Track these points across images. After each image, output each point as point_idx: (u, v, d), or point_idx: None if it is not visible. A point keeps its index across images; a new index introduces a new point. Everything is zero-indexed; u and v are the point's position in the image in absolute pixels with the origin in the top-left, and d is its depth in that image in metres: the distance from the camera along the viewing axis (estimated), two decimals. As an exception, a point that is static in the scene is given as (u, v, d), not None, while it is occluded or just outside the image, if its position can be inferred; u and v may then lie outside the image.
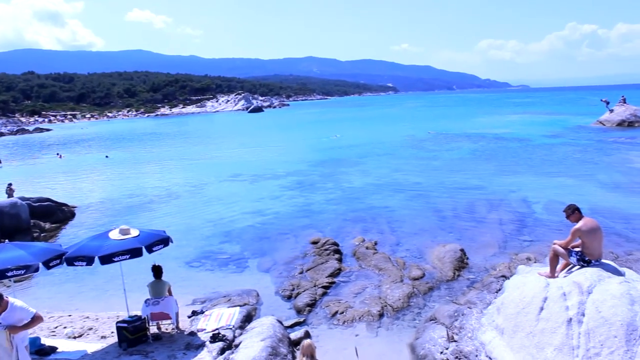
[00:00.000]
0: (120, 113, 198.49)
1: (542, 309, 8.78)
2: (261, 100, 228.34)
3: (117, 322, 10.55)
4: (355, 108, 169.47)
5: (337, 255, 16.52)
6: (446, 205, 22.81)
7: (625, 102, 62.46)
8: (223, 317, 11.70)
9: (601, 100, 65.13)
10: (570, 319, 8.27)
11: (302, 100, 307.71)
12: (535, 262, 14.13)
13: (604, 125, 59.11)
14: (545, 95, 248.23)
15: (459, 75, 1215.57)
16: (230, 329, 11.06)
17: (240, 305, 12.67)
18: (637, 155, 34.89)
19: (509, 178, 28.76)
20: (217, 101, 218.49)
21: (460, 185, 27.16)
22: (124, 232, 10.54)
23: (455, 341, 10.09)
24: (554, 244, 9.94)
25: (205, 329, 11.10)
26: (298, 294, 13.75)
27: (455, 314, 11.06)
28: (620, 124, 57.51)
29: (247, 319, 11.86)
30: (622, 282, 8.55)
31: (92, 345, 10.68)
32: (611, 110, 55.62)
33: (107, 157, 52.12)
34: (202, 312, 12.28)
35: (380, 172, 32.90)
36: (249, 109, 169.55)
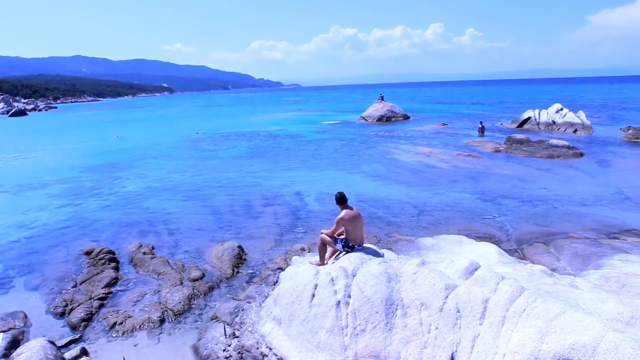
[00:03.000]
0: None
1: (313, 295, 9.32)
2: (24, 103, 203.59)
3: None
4: (130, 109, 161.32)
5: (113, 264, 15.46)
6: (223, 204, 22.92)
7: (383, 100, 70.11)
8: (-19, 348, 10.26)
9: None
10: (339, 301, 8.92)
11: (72, 102, 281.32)
12: (309, 252, 14.96)
13: (367, 120, 65.84)
14: (314, 94, 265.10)
15: (234, 75, 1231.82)
16: (-8, 359, 9.78)
17: (4, 331, 11.16)
18: (394, 147, 39.32)
19: (282, 173, 30.01)
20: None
21: (237, 183, 27.51)
22: None
23: (237, 337, 10.21)
24: (322, 233, 10.64)
25: None
26: (72, 309, 12.58)
27: (236, 310, 11.18)
28: (380, 119, 64.85)
29: (14, 344, 10.44)
30: (381, 263, 9.47)
31: None
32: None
33: None
34: (-47, 347, 10.62)
35: (156, 175, 31.78)
36: (10, 113, 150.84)
